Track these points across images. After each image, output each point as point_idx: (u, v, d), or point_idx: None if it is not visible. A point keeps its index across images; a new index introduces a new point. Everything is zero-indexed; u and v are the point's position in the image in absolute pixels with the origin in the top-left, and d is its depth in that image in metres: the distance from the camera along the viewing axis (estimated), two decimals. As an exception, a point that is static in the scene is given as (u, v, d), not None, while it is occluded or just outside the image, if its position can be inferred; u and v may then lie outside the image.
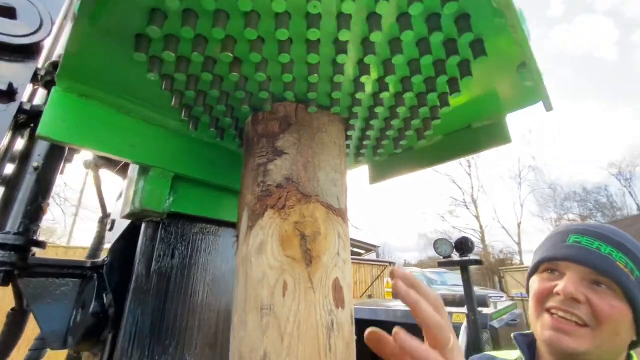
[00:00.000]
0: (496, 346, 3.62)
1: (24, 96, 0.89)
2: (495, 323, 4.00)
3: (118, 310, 0.82)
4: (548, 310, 0.74)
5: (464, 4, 0.49)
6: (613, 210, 31.45)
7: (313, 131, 0.71)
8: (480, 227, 31.94)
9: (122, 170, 1.34)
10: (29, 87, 0.96)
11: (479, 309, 4.03)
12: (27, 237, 0.83)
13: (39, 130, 0.62)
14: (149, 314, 0.77)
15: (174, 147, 0.83)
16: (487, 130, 0.84)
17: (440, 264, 4.22)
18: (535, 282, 0.82)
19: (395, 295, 0.48)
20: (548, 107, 0.65)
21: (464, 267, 3.99)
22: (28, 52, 0.89)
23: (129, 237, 0.89)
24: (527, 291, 0.87)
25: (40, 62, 0.98)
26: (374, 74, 0.63)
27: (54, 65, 0.99)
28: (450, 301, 4.20)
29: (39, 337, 1.07)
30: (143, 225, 0.83)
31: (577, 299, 0.70)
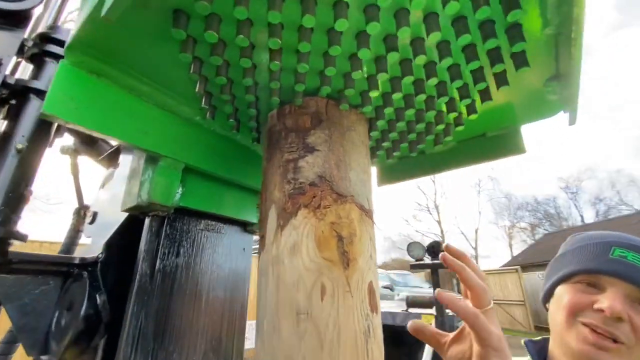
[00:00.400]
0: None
1: (7, 69, 0.79)
2: (460, 324, 4.20)
3: (114, 313, 0.75)
4: (584, 324, 0.71)
5: (524, 12, 0.50)
6: (560, 220, 34.37)
7: (343, 129, 0.69)
8: (442, 231, 33.46)
9: (107, 159, 1.23)
10: (13, 60, 0.85)
11: (447, 310, 4.22)
12: (8, 229, 0.73)
13: (45, 108, 0.54)
14: (152, 316, 0.70)
15: (185, 136, 0.77)
16: (502, 140, 0.86)
17: (413, 267, 4.35)
18: (567, 292, 0.77)
19: (444, 263, 0.56)
20: (572, 121, 0.68)
21: (434, 270, 4.14)
22: (16, 19, 0.78)
23: (127, 232, 0.81)
24: (545, 297, 0.85)
25: (27, 33, 0.87)
26: (416, 75, 0.62)
27: (42, 37, 0.88)
28: (420, 303, 4.35)
29: (5, 340, 0.95)
30: (147, 220, 0.76)
31: (623, 318, 0.68)
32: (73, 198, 1.29)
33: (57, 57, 0.87)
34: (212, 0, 0.46)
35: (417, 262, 4.35)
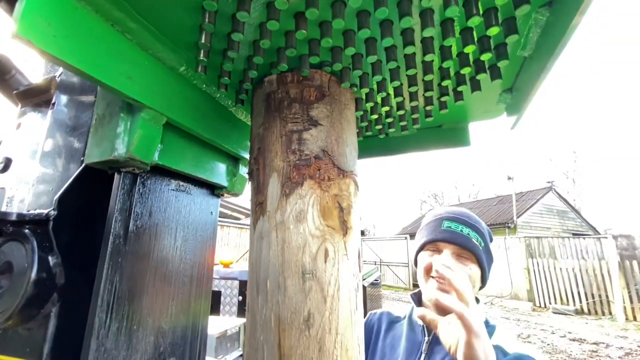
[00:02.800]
0: (365, 301, 4.42)
1: None
2: (364, 283, 4.84)
3: (68, 278, 0.67)
4: (432, 277, 1.01)
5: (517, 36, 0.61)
6: (443, 198, 41.17)
7: (341, 106, 0.73)
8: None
9: (23, 95, 0.98)
10: None
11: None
12: None
13: (20, 31, 0.43)
14: (126, 279, 0.66)
15: (167, 87, 0.69)
16: (453, 133, 1.03)
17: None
18: (423, 257, 1.09)
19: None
20: (514, 126, 0.86)
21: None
22: None
23: (82, 188, 0.71)
24: (415, 263, 1.14)
25: None
26: (417, 70, 0.69)
27: None
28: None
29: None
30: (118, 177, 0.68)
31: (452, 268, 0.96)
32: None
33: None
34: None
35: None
